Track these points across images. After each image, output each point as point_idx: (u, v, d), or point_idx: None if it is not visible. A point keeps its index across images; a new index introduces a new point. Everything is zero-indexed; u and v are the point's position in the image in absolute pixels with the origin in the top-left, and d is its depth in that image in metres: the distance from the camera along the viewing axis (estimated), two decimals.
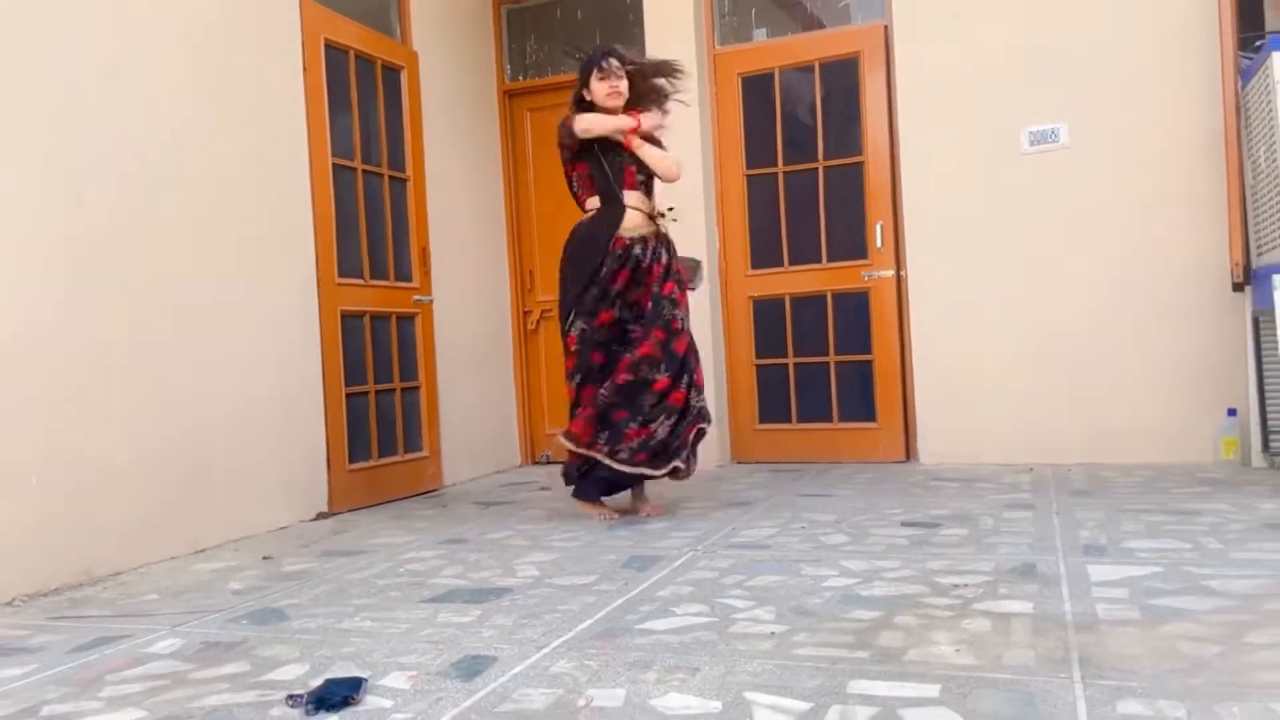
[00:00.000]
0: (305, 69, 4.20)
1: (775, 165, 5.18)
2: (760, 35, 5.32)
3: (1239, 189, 4.08)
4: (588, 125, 3.65)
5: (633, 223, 3.67)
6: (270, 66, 4.03)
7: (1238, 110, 4.07)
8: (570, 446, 3.67)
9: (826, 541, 3.11)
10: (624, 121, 3.67)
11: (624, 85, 3.68)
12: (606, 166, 3.68)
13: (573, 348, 3.69)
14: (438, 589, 2.77)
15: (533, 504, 4.26)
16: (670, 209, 3.73)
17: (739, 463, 5.23)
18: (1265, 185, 3.81)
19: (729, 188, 5.25)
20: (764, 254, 5.23)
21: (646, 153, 3.69)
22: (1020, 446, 4.60)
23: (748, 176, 5.24)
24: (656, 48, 5.19)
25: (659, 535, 3.37)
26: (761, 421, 5.24)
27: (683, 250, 3.97)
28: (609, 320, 3.63)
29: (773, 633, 2.16)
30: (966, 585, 2.47)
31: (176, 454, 3.49)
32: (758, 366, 5.26)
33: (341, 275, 4.37)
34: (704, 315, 4.93)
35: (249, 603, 2.73)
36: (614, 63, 3.67)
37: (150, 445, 3.39)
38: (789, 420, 5.18)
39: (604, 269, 3.61)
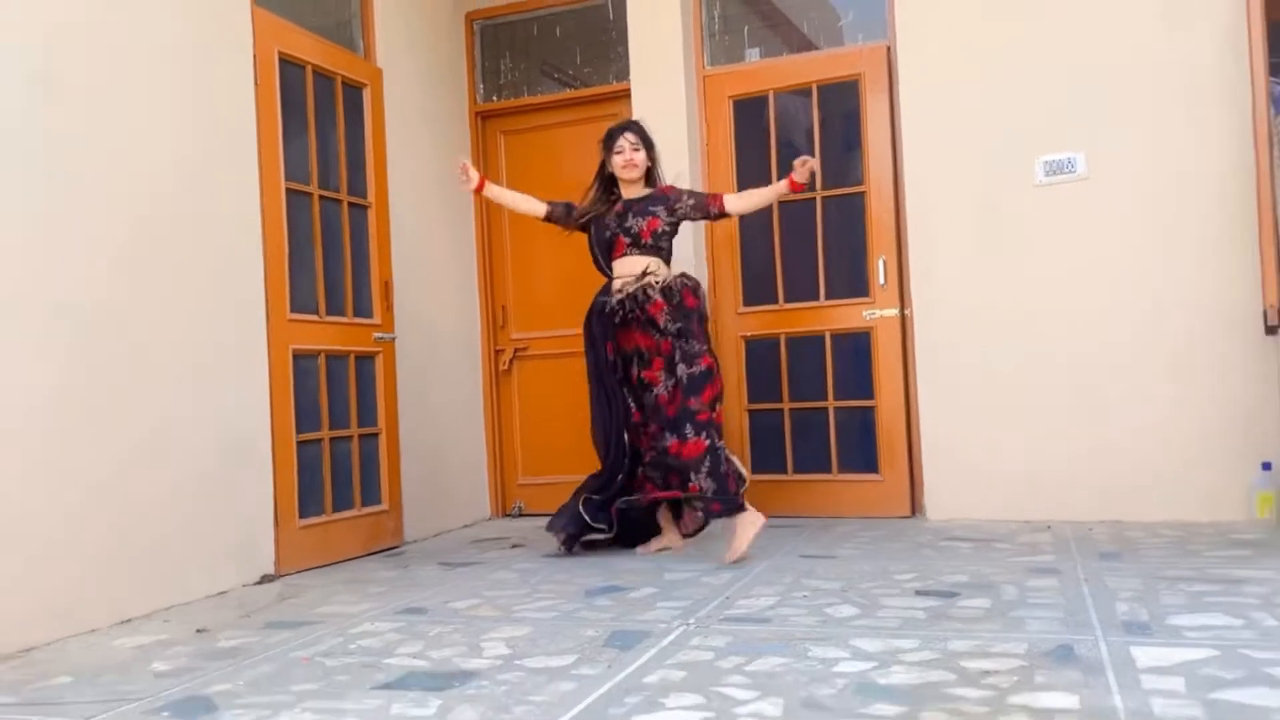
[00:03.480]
0: (257, 84, 4.02)
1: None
2: (753, 56, 5.20)
3: (1272, 226, 3.96)
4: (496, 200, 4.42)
5: (618, 286, 4.04)
6: (217, 80, 3.84)
7: (1270, 140, 3.96)
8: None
9: (834, 614, 2.90)
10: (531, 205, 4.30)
11: (640, 157, 4.05)
12: (594, 241, 4.16)
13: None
14: (393, 671, 2.54)
15: (503, 564, 4.04)
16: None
17: None
18: None
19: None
20: (757, 290, 5.07)
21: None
22: (1036, 502, 4.42)
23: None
24: (642, 67, 5.08)
25: (645, 605, 3.15)
26: (754, 472, 5.02)
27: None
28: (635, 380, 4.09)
29: None
30: (998, 672, 2.27)
31: (100, 510, 3.25)
32: (750, 412, 5.07)
33: (294, 311, 4.16)
34: None
35: (174, 689, 2.49)
36: (629, 138, 4.05)
37: (69, 500, 3.15)
38: (784, 471, 4.99)
39: (598, 337, 4.13)
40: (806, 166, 3.89)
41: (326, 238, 4.40)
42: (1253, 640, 2.42)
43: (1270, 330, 4.01)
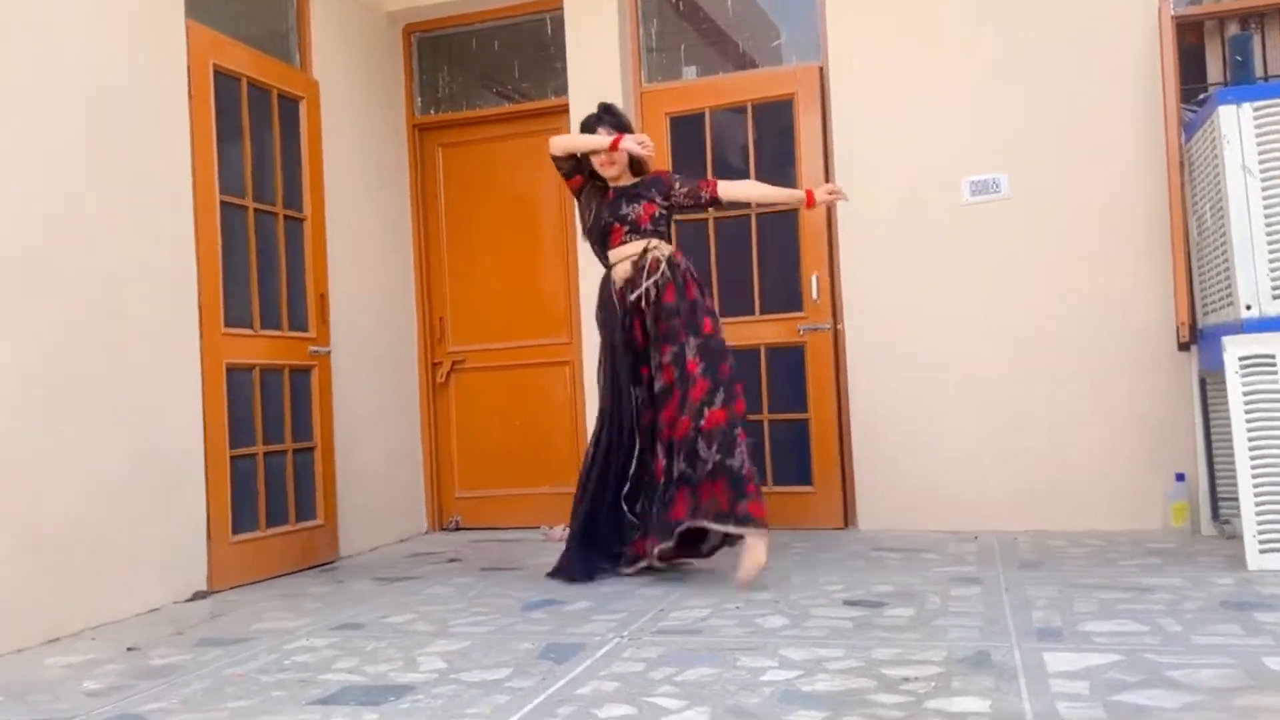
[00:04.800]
0: (191, 97, 4.04)
1: (705, 211, 5.14)
2: (690, 73, 5.33)
3: (1184, 246, 4.18)
4: (563, 142, 3.92)
5: (620, 275, 3.86)
6: (151, 93, 3.85)
7: (1181, 165, 4.17)
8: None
9: (764, 625, 3.01)
10: (602, 140, 3.82)
11: (620, 156, 3.85)
12: (592, 228, 3.95)
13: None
14: (329, 687, 2.59)
15: (439, 579, 4.08)
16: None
17: None
18: (1211, 243, 3.90)
19: None
20: None
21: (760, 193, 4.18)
22: (964, 512, 4.59)
23: (676, 223, 5.18)
24: (580, 83, 5.17)
25: (580, 618, 3.23)
26: None
27: None
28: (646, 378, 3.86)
29: None
30: (917, 678, 2.39)
31: (25, 527, 3.24)
32: None
33: (228, 324, 4.18)
34: None
35: (106, 707, 2.51)
36: (604, 133, 3.85)
37: None
38: None
39: (615, 333, 3.86)
40: (834, 196, 3.93)
41: (262, 251, 4.42)
42: (1156, 645, 2.58)
43: (1183, 346, 4.23)
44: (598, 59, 5.16)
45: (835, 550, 4.27)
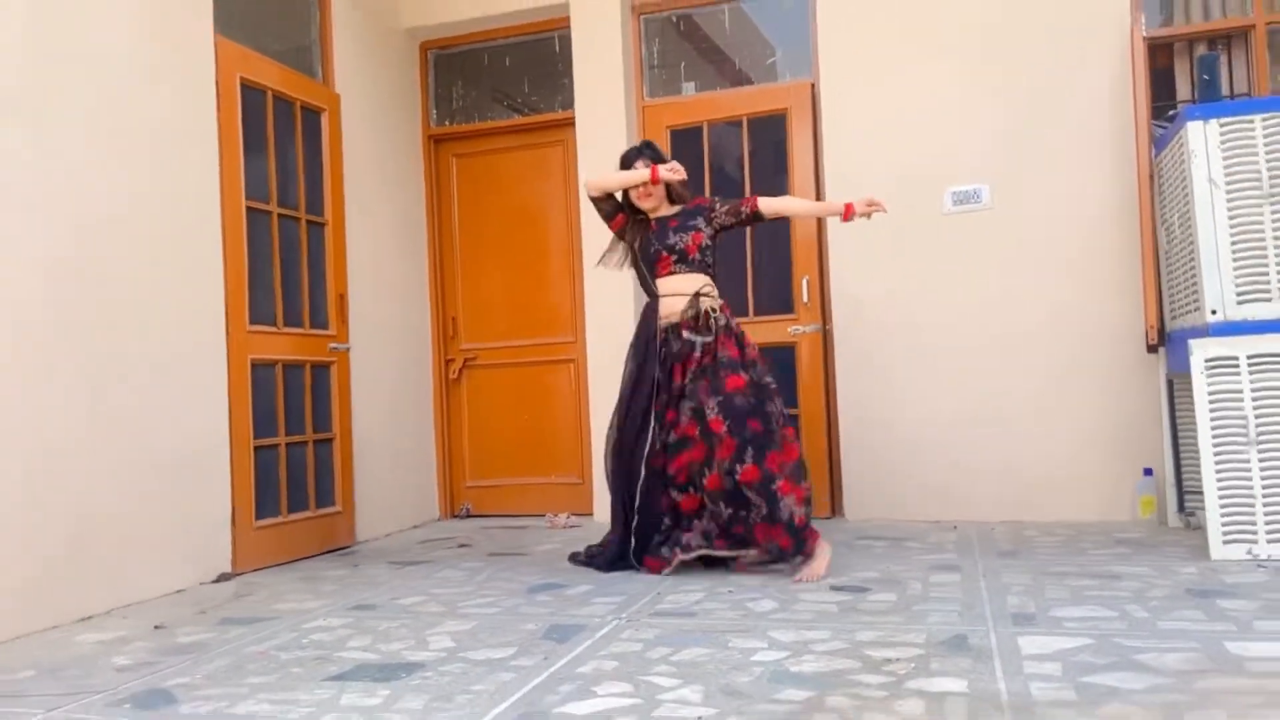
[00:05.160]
0: (219, 108, 4.03)
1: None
2: (689, 89, 5.31)
3: (1153, 254, 4.16)
4: (601, 182, 3.80)
5: (667, 310, 3.70)
6: (181, 103, 3.84)
7: (1151, 178, 4.16)
8: None
9: (755, 609, 3.00)
10: (638, 174, 3.72)
11: (657, 187, 3.76)
12: (639, 257, 3.80)
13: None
14: (344, 664, 2.59)
15: (450, 563, 4.07)
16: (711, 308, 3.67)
17: None
18: (1179, 251, 3.88)
19: None
20: None
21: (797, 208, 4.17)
22: (945, 503, 4.58)
23: None
24: (586, 97, 5.16)
25: (581, 601, 3.23)
26: None
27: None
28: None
29: (700, 717, 2.04)
30: (898, 660, 2.39)
31: (62, 510, 3.24)
32: None
33: (253, 322, 4.17)
34: None
35: (134, 682, 2.50)
36: (640, 166, 3.76)
37: (32, 501, 3.14)
38: None
39: (651, 365, 3.68)
40: (873, 208, 3.70)
41: (285, 253, 4.41)
42: (1124, 630, 2.57)
43: (1151, 348, 4.21)
44: (603, 75, 5.15)
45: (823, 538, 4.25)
